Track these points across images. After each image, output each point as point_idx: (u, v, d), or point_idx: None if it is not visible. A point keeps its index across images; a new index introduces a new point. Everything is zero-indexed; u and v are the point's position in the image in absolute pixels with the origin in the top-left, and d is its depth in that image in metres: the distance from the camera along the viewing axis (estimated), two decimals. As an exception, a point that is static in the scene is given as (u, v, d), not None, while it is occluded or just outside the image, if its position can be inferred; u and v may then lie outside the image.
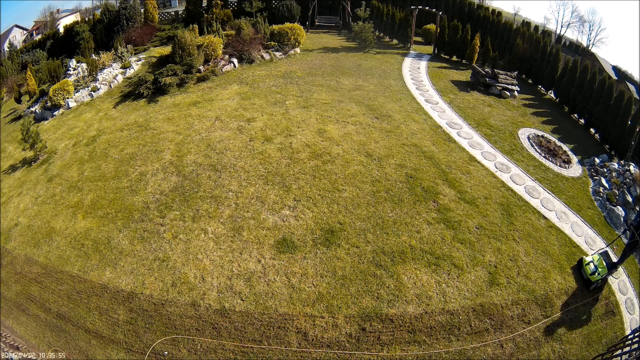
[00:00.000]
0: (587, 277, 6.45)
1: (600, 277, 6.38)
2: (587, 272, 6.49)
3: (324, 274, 5.53)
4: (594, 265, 6.53)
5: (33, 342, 5.26)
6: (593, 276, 6.39)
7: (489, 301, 5.45)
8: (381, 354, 4.73)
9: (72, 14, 36.25)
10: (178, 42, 11.53)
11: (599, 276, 6.37)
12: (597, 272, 6.39)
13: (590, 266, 6.54)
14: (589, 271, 6.46)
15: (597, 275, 6.37)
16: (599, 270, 6.42)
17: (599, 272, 6.39)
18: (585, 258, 6.84)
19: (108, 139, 9.02)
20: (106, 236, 6.42)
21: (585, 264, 6.68)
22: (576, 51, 27.78)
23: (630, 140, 9.87)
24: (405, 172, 7.50)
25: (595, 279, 6.37)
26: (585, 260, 6.75)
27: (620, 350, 5.01)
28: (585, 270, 6.54)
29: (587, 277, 6.43)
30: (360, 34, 15.02)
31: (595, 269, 6.47)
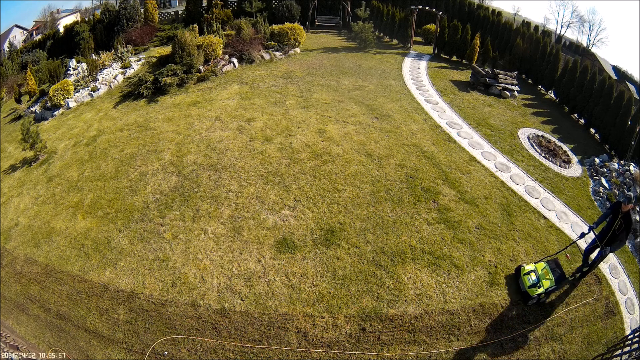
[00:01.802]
0: (524, 290, 5.54)
1: (543, 291, 5.43)
2: (525, 283, 5.55)
3: (324, 274, 5.53)
4: (535, 275, 5.58)
5: (33, 342, 5.26)
6: (532, 289, 5.44)
7: (489, 301, 5.46)
8: (381, 354, 4.73)
9: (72, 14, 36.26)
10: (178, 42, 11.53)
11: (542, 289, 5.42)
12: (538, 285, 5.45)
13: (531, 277, 5.58)
14: (527, 282, 5.53)
15: (538, 288, 5.43)
16: (542, 283, 5.48)
17: (541, 284, 5.46)
18: (524, 266, 5.86)
19: (108, 139, 9.02)
20: (106, 236, 6.42)
21: (524, 273, 5.71)
22: (576, 51, 27.80)
23: (630, 140, 9.87)
24: (405, 172, 7.50)
25: (536, 292, 5.42)
26: (525, 269, 5.77)
27: (620, 350, 5.01)
28: (524, 281, 5.59)
29: (525, 289, 5.52)
30: (360, 34, 15.02)
31: (537, 281, 5.51)
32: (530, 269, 5.77)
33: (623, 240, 5.64)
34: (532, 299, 5.54)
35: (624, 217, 5.60)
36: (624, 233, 5.61)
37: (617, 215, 5.68)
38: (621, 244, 5.72)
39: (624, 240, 5.64)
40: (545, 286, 5.52)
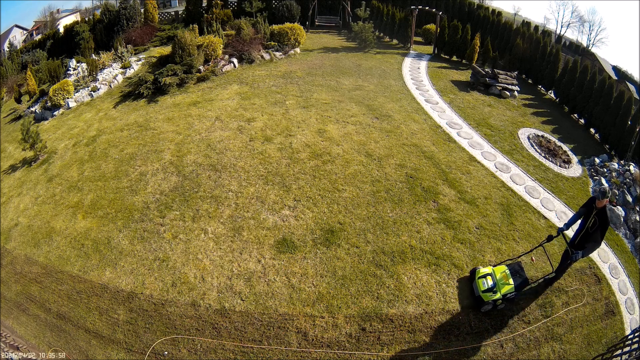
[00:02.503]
0: (478, 294, 5.15)
1: (500, 297, 5.03)
2: (479, 287, 5.16)
3: (324, 274, 5.53)
4: (492, 279, 5.14)
5: (33, 342, 5.26)
6: (487, 294, 5.04)
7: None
8: (381, 354, 4.73)
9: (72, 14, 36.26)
10: (178, 42, 11.53)
11: (498, 295, 5.02)
12: (494, 290, 5.03)
13: (487, 281, 5.15)
14: (481, 287, 5.13)
15: (493, 294, 5.02)
16: (499, 288, 5.05)
17: (498, 289, 5.04)
18: (480, 268, 5.46)
19: (108, 139, 9.02)
20: (106, 236, 6.42)
21: (479, 276, 5.29)
22: (576, 51, 27.80)
23: (630, 140, 9.87)
24: (405, 172, 7.50)
25: (491, 298, 5.02)
26: (480, 272, 5.35)
27: (620, 350, 5.00)
28: (478, 285, 5.19)
29: (479, 293, 5.13)
30: (360, 34, 15.03)
31: (493, 285, 5.07)
32: (486, 272, 5.32)
33: (598, 240, 5.10)
34: (486, 305, 5.13)
35: (598, 214, 5.07)
36: (598, 232, 5.07)
37: (592, 213, 5.17)
38: (595, 246, 5.14)
39: (598, 240, 5.10)
40: (503, 291, 5.07)
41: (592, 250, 5.23)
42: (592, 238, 5.16)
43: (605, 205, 5.09)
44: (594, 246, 5.15)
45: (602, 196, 5.03)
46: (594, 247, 5.17)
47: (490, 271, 5.35)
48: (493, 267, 5.48)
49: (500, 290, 5.11)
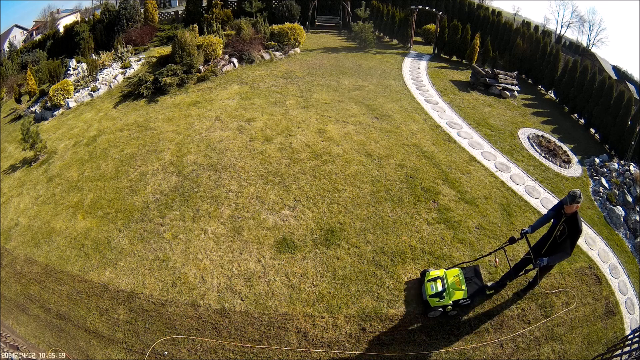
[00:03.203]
0: (425, 299, 4.88)
1: (450, 303, 4.70)
2: (427, 291, 4.84)
3: (324, 274, 5.53)
4: (441, 284, 4.80)
5: (33, 342, 5.26)
6: (434, 299, 4.73)
7: (488, 301, 5.45)
8: (381, 354, 4.73)
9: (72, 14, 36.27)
10: (178, 42, 11.53)
11: (447, 301, 4.69)
12: (443, 295, 4.69)
13: (436, 285, 4.81)
14: (429, 291, 4.81)
15: (441, 300, 4.69)
16: (449, 293, 4.71)
17: (448, 295, 4.70)
18: (430, 271, 5.11)
19: (108, 139, 9.02)
20: (106, 236, 6.42)
21: (428, 279, 4.96)
22: (576, 51, 27.79)
23: (630, 140, 9.88)
24: (405, 172, 7.50)
25: (438, 304, 4.70)
26: (429, 275, 5.01)
27: (620, 350, 5.00)
28: (426, 289, 4.88)
29: (426, 298, 4.85)
30: (360, 34, 15.03)
31: (442, 290, 4.72)
32: (436, 275, 4.96)
33: (567, 251, 4.51)
34: (433, 311, 4.84)
35: (567, 221, 4.47)
36: (567, 242, 4.48)
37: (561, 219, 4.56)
38: (564, 256, 4.59)
39: (568, 251, 4.51)
40: (454, 297, 4.71)
41: (560, 260, 4.76)
42: (560, 248, 4.61)
43: (576, 212, 4.46)
44: (562, 256, 4.62)
45: (570, 201, 4.39)
46: (561, 257, 4.66)
47: (442, 274, 4.98)
48: (446, 270, 5.13)
49: (450, 296, 4.74)
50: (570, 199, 4.38)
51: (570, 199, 4.38)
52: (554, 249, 4.73)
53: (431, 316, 4.99)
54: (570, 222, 4.47)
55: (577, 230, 4.45)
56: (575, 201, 4.37)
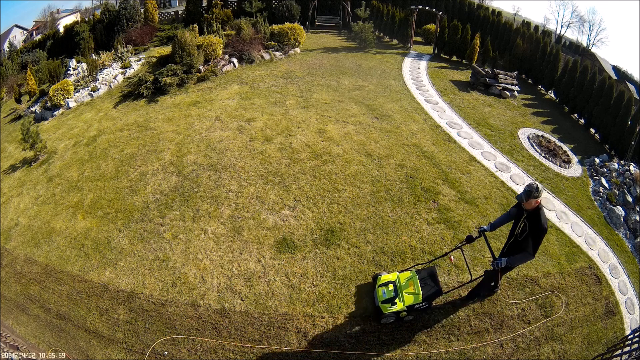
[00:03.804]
0: (377, 305, 4.60)
1: (403, 309, 4.45)
2: (378, 297, 4.60)
3: (324, 274, 5.53)
4: (393, 288, 4.53)
5: (33, 342, 5.26)
6: (385, 306, 4.46)
7: (488, 301, 5.45)
8: (381, 354, 4.73)
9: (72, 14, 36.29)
10: (178, 42, 11.53)
11: (400, 306, 4.42)
12: (395, 301, 4.43)
13: (387, 289, 4.53)
14: (380, 297, 4.55)
15: (393, 306, 4.42)
16: (402, 297, 4.43)
17: (402, 299, 4.43)
18: (382, 275, 4.88)
19: (108, 139, 9.02)
20: (106, 236, 6.42)
21: (380, 284, 4.70)
22: (576, 51, 27.79)
23: (630, 140, 9.88)
24: (405, 172, 7.50)
25: (391, 310, 4.43)
26: (381, 279, 4.76)
27: (620, 350, 5.00)
28: (377, 295, 4.63)
29: (378, 304, 4.57)
30: (360, 34, 15.03)
31: (394, 295, 4.45)
32: (388, 279, 4.68)
33: (529, 252, 4.06)
34: (386, 317, 4.57)
35: (528, 217, 4.06)
36: (529, 241, 4.04)
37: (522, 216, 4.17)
38: (526, 257, 4.14)
39: (530, 252, 4.05)
40: (408, 302, 4.43)
41: (522, 262, 4.34)
42: (521, 247, 4.16)
43: (538, 207, 4.00)
44: (524, 257, 4.16)
45: (526, 196, 3.92)
46: (523, 259, 4.21)
47: (394, 278, 4.69)
48: (399, 272, 4.86)
49: (403, 300, 4.45)
50: (526, 194, 3.93)
51: (526, 194, 3.93)
52: (515, 248, 4.32)
53: (384, 322, 4.77)
54: (531, 219, 4.04)
55: (538, 228, 3.99)
56: (532, 196, 3.90)
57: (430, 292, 4.56)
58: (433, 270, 4.84)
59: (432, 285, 4.61)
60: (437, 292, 4.61)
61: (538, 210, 4.00)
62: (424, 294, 4.52)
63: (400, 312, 4.57)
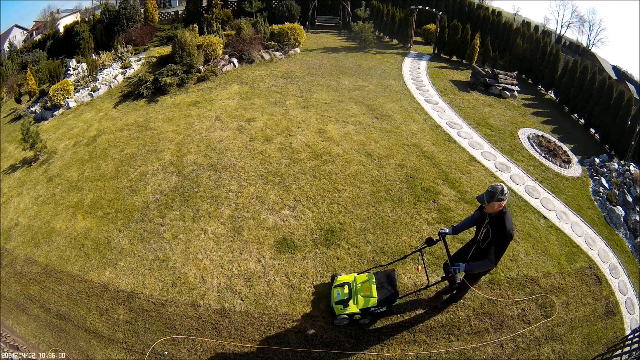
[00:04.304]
0: (332, 305, 4.57)
1: (357, 312, 4.35)
2: (333, 297, 4.57)
3: (324, 274, 5.53)
4: (348, 290, 4.45)
5: (33, 342, 5.26)
6: (338, 307, 4.40)
7: (488, 301, 5.45)
8: (381, 354, 4.73)
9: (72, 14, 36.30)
10: (178, 42, 11.53)
11: (352, 309, 4.35)
12: (348, 303, 4.36)
13: (342, 291, 4.46)
14: (335, 298, 4.52)
15: (345, 308, 4.36)
16: (356, 300, 4.38)
17: (355, 302, 4.37)
18: (339, 275, 4.84)
19: (108, 139, 9.02)
20: (106, 236, 6.42)
21: (335, 284, 4.64)
22: (576, 51, 27.79)
23: (630, 140, 9.88)
24: (405, 172, 7.50)
25: (342, 312, 4.37)
26: (337, 280, 4.70)
27: (620, 350, 5.00)
28: (332, 295, 4.60)
29: (332, 305, 4.54)
30: (360, 34, 15.03)
31: (348, 297, 4.37)
32: (345, 280, 4.61)
33: (491, 259, 3.74)
34: (339, 319, 4.50)
35: (491, 222, 3.74)
36: (491, 248, 3.73)
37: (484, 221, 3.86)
38: (486, 265, 3.82)
39: (492, 260, 3.74)
40: (362, 305, 4.34)
41: (482, 269, 3.96)
42: (483, 254, 3.84)
43: (502, 212, 3.64)
44: (484, 265, 3.83)
45: (488, 198, 3.58)
46: (483, 266, 3.86)
47: (350, 280, 4.61)
48: (357, 274, 4.78)
49: (357, 303, 4.36)
50: (488, 196, 3.58)
51: (488, 195, 3.58)
52: (477, 255, 4.00)
53: (338, 324, 4.66)
54: (495, 224, 3.69)
55: (502, 234, 3.61)
56: (496, 198, 3.53)
57: (386, 295, 4.43)
58: (391, 274, 4.71)
59: (388, 289, 4.46)
60: (392, 296, 4.46)
61: (503, 215, 3.65)
62: (379, 297, 4.39)
63: (353, 315, 4.50)
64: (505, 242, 3.68)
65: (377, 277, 4.64)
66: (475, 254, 4.10)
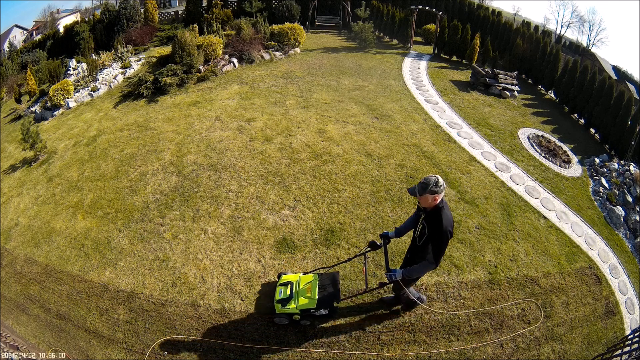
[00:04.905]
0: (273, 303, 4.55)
1: (297, 311, 4.34)
2: (275, 295, 4.55)
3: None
4: (290, 289, 4.44)
5: (33, 342, 5.25)
6: (278, 305, 4.40)
7: (487, 301, 5.45)
8: (381, 354, 4.73)
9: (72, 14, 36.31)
10: (178, 42, 11.53)
11: (291, 308, 4.33)
12: (290, 303, 4.35)
13: (286, 290, 4.45)
14: (277, 296, 4.50)
15: (284, 307, 4.35)
16: (296, 300, 4.36)
17: (295, 301, 4.36)
18: (285, 274, 4.86)
19: (108, 139, 9.02)
20: (106, 236, 6.42)
21: (280, 283, 4.66)
22: (576, 51, 27.80)
23: (630, 140, 9.88)
24: (405, 172, 7.50)
25: (283, 310, 4.37)
26: (282, 279, 4.72)
27: (620, 350, 5.00)
28: (275, 292, 4.58)
29: (273, 302, 4.55)
30: (360, 34, 15.03)
31: (289, 297, 4.36)
32: (289, 279, 4.61)
33: (430, 260, 3.44)
34: (278, 317, 4.53)
35: (427, 218, 3.42)
36: (428, 247, 3.44)
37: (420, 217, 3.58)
38: (425, 268, 3.52)
39: (431, 260, 3.44)
40: (301, 305, 4.32)
41: (421, 273, 3.65)
42: (421, 254, 3.53)
43: (439, 206, 3.31)
44: (423, 268, 3.52)
45: (420, 190, 3.26)
46: (422, 269, 3.54)
47: (295, 279, 4.61)
48: (303, 274, 4.78)
49: (297, 303, 4.33)
50: (420, 188, 3.26)
51: (420, 187, 3.26)
52: (416, 256, 3.71)
53: (277, 322, 4.66)
54: (430, 219, 3.36)
55: (438, 231, 3.28)
56: (429, 191, 3.20)
57: (325, 297, 4.37)
58: (335, 276, 4.65)
59: (330, 291, 4.41)
60: (332, 298, 4.40)
61: (439, 210, 3.31)
62: (319, 299, 4.36)
63: (293, 315, 4.48)
64: (442, 239, 3.33)
65: (321, 279, 4.59)
66: (414, 253, 3.83)
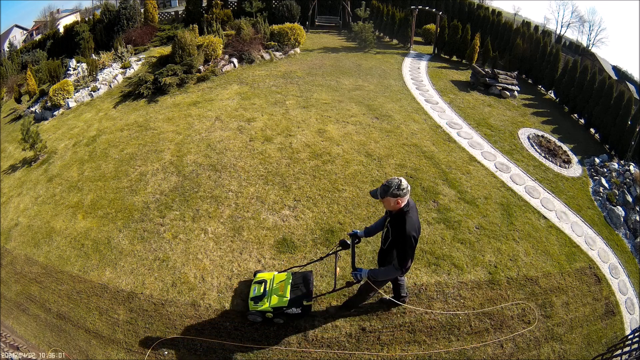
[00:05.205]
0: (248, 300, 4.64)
1: (269, 309, 4.40)
2: (250, 293, 4.67)
3: (324, 274, 5.52)
4: (264, 288, 4.55)
5: (33, 342, 5.25)
6: (251, 303, 4.52)
7: (487, 301, 5.45)
8: (381, 354, 4.73)
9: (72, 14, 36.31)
10: (178, 42, 11.53)
11: (264, 306, 4.41)
12: (262, 301, 4.44)
13: (260, 288, 4.56)
14: (251, 293, 4.62)
15: (256, 305, 4.45)
16: (269, 298, 4.44)
17: (268, 299, 4.43)
18: (260, 273, 4.94)
19: (108, 139, 9.02)
20: (106, 236, 6.42)
21: (255, 281, 4.76)
22: (576, 51, 27.81)
23: (630, 140, 9.89)
24: (405, 172, 7.50)
25: (256, 308, 4.45)
26: (258, 276, 4.83)
27: (620, 350, 5.00)
28: (250, 290, 4.70)
29: (248, 300, 4.64)
30: (360, 34, 15.04)
31: (263, 294, 4.46)
32: (263, 277, 4.71)
33: (396, 264, 3.34)
34: (252, 315, 4.62)
35: (391, 221, 3.37)
36: (393, 251, 3.39)
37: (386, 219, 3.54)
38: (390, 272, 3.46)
39: (396, 265, 3.34)
40: (273, 304, 4.39)
41: (386, 276, 3.58)
42: (388, 257, 3.51)
43: (403, 210, 3.22)
44: (388, 272, 3.46)
45: (382, 193, 3.16)
46: (387, 273, 3.49)
47: (269, 277, 4.70)
48: (277, 273, 4.87)
49: (270, 301, 4.41)
50: (382, 190, 3.15)
51: (382, 189, 3.15)
52: (383, 259, 3.72)
53: (251, 319, 4.73)
54: (394, 222, 3.28)
55: (401, 235, 3.18)
56: (390, 193, 3.10)
57: (297, 297, 4.42)
58: (308, 275, 4.70)
59: (302, 290, 4.47)
60: (303, 298, 4.45)
61: (404, 214, 3.22)
62: (290, 297, 4.40)
63: (265, 313, 4.53)
64: (405, 244, 3.22)
65: (294, 278, 4.65)
66: (381, 256, 3.81)
